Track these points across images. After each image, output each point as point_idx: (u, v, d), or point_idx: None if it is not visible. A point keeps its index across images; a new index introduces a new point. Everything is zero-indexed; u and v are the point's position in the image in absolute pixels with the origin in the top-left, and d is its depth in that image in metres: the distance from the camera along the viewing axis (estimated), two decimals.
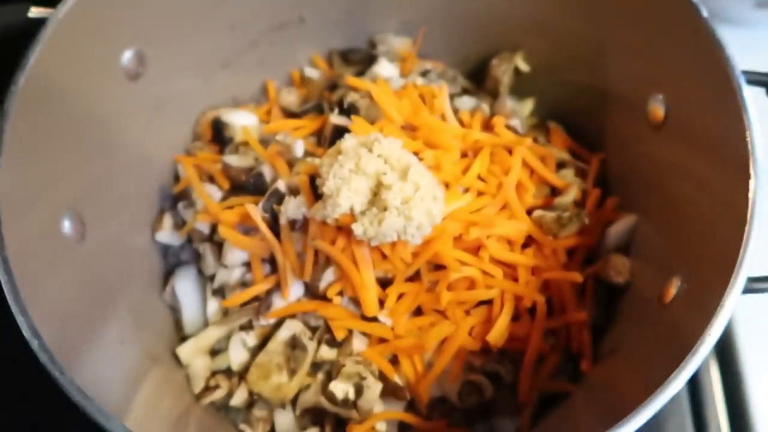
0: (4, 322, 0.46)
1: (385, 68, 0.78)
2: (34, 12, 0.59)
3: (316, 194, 0.64)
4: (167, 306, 0.72)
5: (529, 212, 0.65)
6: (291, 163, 0.69)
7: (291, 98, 0.81)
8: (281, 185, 0.65)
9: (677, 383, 0.44)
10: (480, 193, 0.65)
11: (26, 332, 0.45)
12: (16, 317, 0.45)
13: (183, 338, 0.71)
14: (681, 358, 0.46)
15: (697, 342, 0.45)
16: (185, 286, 0.72)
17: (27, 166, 0.53)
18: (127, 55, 0.64)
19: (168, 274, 0.73)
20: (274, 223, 0.66)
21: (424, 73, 0.79)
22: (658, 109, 0.62)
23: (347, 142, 0.61)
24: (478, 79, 0.83)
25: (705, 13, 0.55)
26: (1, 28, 0.58)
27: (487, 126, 0.73)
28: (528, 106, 0.79)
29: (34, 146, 0.54)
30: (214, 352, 0.69)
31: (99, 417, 0.46)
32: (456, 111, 0.74)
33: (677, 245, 0.59)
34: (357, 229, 0.57)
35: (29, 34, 0.57)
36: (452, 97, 0.75)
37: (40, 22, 0.59)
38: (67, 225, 0.57)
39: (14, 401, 0.72)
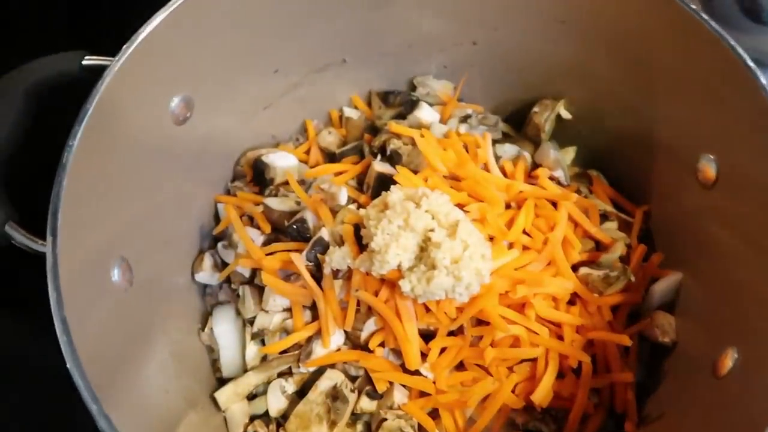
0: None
1: (426, 113, 0.78)
2: (89, 60, 0.60)
3: (359, 244, 0.64)
4: (204, 346, 0.72)
5: (573, 268, 0.65)
6: (333, 210, 0.69)
7: (331, 139, 0.81)
8: (325, 234, 0.65)
9: None
10: (525, 248, 0.64)
11: (86, 397, 0.45)
12: (75, 379, 0.45)
13: (219, 379, 0.71)
14: None
15: (760, 422, 0.44)
16: (223, 328, 0.72)
17: (81, 217, 0.53)
18: (176, 101, 0.65)
19: (206, 315, 0.73)
20: (316, 271, 0.65)
21: (465, 118, 0.79)
22: (709, 168, 0.61)
23: (394, 195, 0.61)
24: (516, 124, 0.82)
25: (763, 80, 0.54)
26: (55, 76, 0.59)
27: (530, 175, 0.72)
28: (570, 154, 0.78)
29: (88, 196, 0.55)
30: (251, 396, 0.69)
31: None
32: (497, 157, 0.74)
33: (728, 309, 0.58)
34: (404, 286, 0.57)
35: (82, 82, 0.58)
36: (493, 143, 0.75)
37: (94, 70, 0.60)
38: (116, 273, 0.57)
39: None
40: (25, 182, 0.57)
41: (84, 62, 0.60)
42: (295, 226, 0.68)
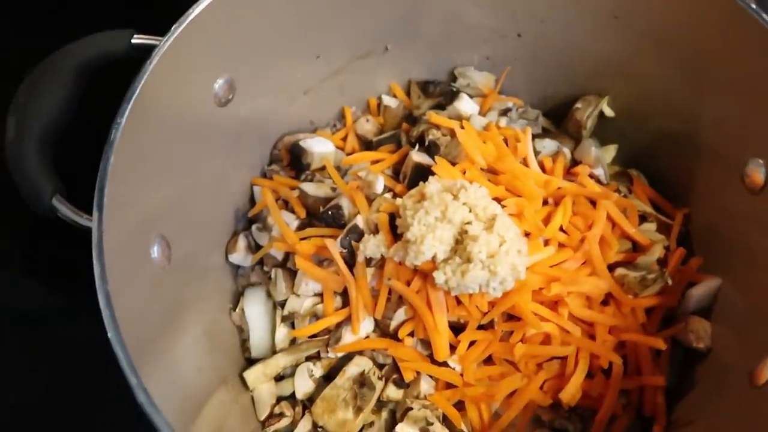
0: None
1: (466, 104, 0.77)
2: (138, 39, 0.61)
3: (394, 233, 0.64)
4: (235, 326, 0.74)
5: (609, 268, 0.64)
6: (369, 198, 0.69)
7: (368, 127, 0.81)
8: (360, 222, 0.66)
9: None
10: (561, 245, 0.63)
11: (125, 366, 0.46)
12: (115, 350, 0.46)
13: (248, 359, 0.72)
14: None
15: None
16: (254, 309, 0.73)
17: (126, 195, 0.54)
18: (220, 83, 0.66)
19: (237, 295, 0.74)
20: (349, 258, 0.66)
21: (505, 112, 0.78)
22: (757, 173, 0.60)
23: (432, 186, 0.60)
24: (556, 119, 0.81)
25: None
26: (104, 54, 0.60)
27: (569, 172, 0.71)
28: (610, 152, 0.77)
29: (132, 174, 0.56)
30: (278, 377, 0.70)
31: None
32: (536, 152, 0.73)
33: None
34: (439, 278, 0.57)
35: (131, 60, 0.59)
36: (533, 138, 0.74)
37: (142, 49, 0.61)
38: (156, 250, 0.58)
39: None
40: (73, 158, 0.58)
41: (133, 41, 0.61)
42: (330, 212, 0.69)
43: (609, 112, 0.77)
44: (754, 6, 0.56)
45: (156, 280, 0.59)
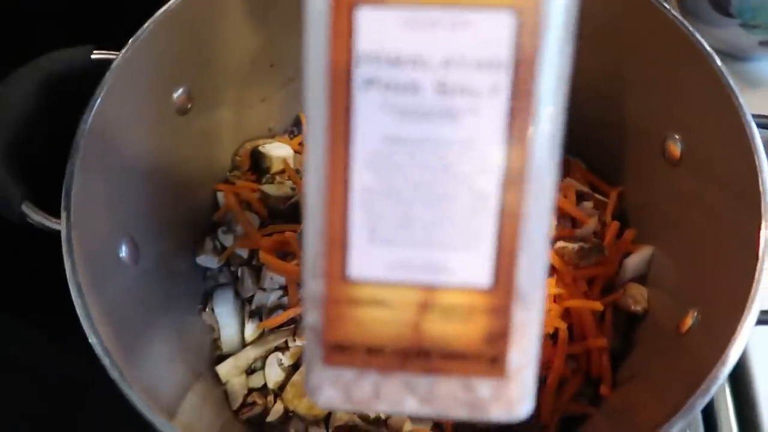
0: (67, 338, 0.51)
1: None
2: (97, 54, 0.64)
3: None
4: (206, 325, 0.77)
5: (550, 243, 0.69)
6: None
7: None
8: None
9: (695, 407, 0.48)
10: None
11: (98, 350, 0.49)
12: (89, 337, 0.49)
13: (220, 356, 0.75)
14: (698, 384, 0.49)
15: (713, 370, 0.48)
16: (223, 308, 0.76)
17: (91, 196, 0.58)
18: (179, 92, 0.69)
19: (207, 296, 0.77)
20: None
21: None
22: (674, 147, 0.66)
23: None
24: None
25: (719, 62, 0.59)
26: (67, 68, 0.63)
27: None
28: None
29: (97, 178, 0.59)
30: (250, 371, 0.73)
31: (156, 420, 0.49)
32: None
33: (693, 277, 0.62)
34: None
35: (92, 74, 0.63)
36: None
37: (102, 63, 0.65)
38: (124, 249, 0.61)
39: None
40: (38, 168, 0.62)
41: (93, 56, 0.65)
42: (289, 209, 0.73)
43: None
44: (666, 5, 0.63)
45: (126, 282, 0.62)
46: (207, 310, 0.76)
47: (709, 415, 0.73)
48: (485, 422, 0.66)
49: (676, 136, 0.66)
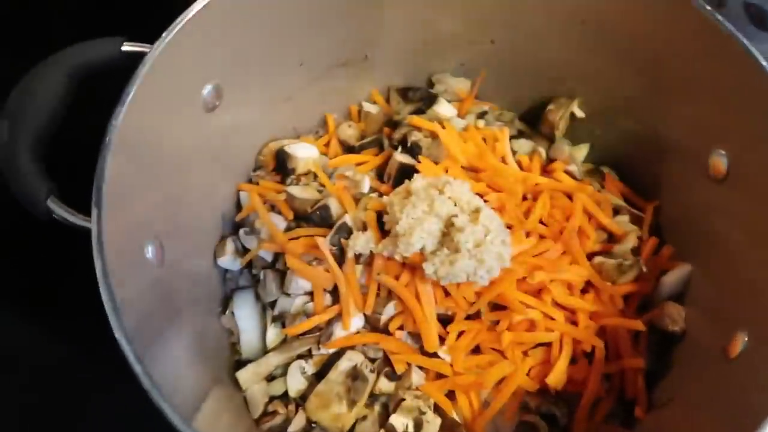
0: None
1: (445, 108, 0.80)
2: (127, 46, 0.62)
3: (381, 230, 0.66)
4: (224, 329, 0.74)
5: (588, 257, 0.67)
6: (356, 198, 0.71)
7: (350, 132, 0.84)
8: (348, 220, 0.68)
9: None
10: (541, 237, 0.66)
11: (129, 355, 0.47)
12: (118, 340, 0.47)
13: (239, 361, 0.72)
14: (749, 419, 0.46)
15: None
16: (243, 311, 0.74)
17: (120, 196, 0.55)
18: (208, 89, 0.67)
19: (227, 299, 0.75)
20: (339, 255, 0.68)
21: (482, 115, 0.81)
22: (719, 163, 0.64)
23: (417, 182, 0.63)
24: (530, 121, 0.85)
25: None
26: (95, 61, 0.61)
27: (545, 170, 0.75)
28: (582, 151, 0.81)
29: (125, 176, 0.57)
30: (270, 378, 0.71)
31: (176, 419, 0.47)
32: (513, 153, 0.77)
33: (737, 298, 0.60)
34: (428, 268, 0.59)
35: (121, 67, 0.61)
36: (510, 139, 0.77)
37: (132, 56, 0.62)
38: (150, 250, 0.59)
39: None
40: (64, 163, 0.59)
41: (123, 48, 0.62)
42: (318, 213, 0.70)
43: (580, 113, 0.81)
44: (708, 7, 0.61)
45: (150, 281, 0.60)
46: (227, 313, 0.74)
47: None
48: None
49: (722, 152, 0.64)
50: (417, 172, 0.69)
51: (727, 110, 0.63)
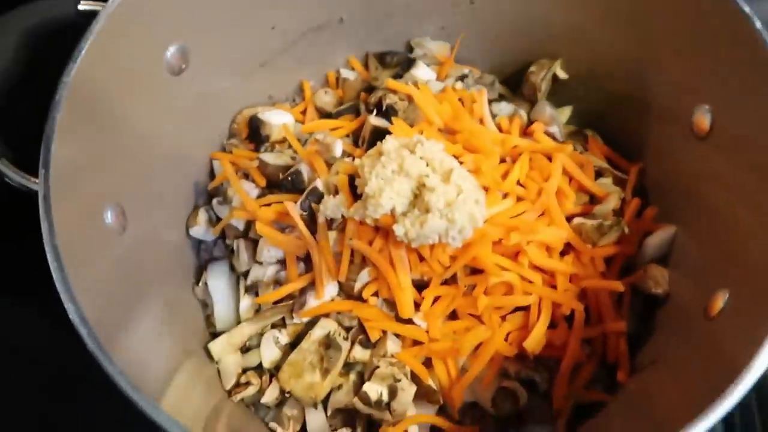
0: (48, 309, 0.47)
1: (423, 72, 0.78)
2: (84, 5, 0.60)
3: (354, 195, 0.64)
4: (199, 301, 0.72)
5: (567, 219, 0.65)
6: (329, 163, 0.69)
7: (327, 99, 0.81)
8: (320, 184, 0.66)
9: (729, 402, 0.43)
10: (519, 199, 0.64)
11: (74, 318, 0.45)
12: (65, 303, 0.45)
13: (213, 334, 0.71)
14: (729, 374, 0.45)
15: (749, 359, 0.44)
16: (217, 282, 0.72)
17: (74, 156, 0.53)
18: (172, 50, 0.65)
19: (200, 270, 0.73)
20: (311, 222, 0.66)
21: (462, 78, 0.79)
22: (703, 119, 0.61)
23: (389, 143, 0.61)
24: (513, 86, 0.82)
25: (758, 24, 0.54)
26: (51, 20, 0.58)
27: (525, 132, 0.72)
28: (565, 113, 0.78)
29: (81, 137, 0.55)
30: (245, 349, 0.69)
31: (137, 399, 0.45)
32: (494, 116, 0.74)
33: (721, 258, 0.58)
34: (398, 230, 0.57)
35: (78, 26, 0.58)
36: (490, 102, 0.75)
37: (89, 15, 0.60)
38: (109, 215, 0.57)
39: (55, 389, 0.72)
40: (20, 124, 0.57)
41: (80, 7, 0.60)
42: (290, 178, 0.68)
43: (562, 74, 0.78)
44: None
45: (111, 248, 0.58)
46: (200, 285, 0.72)
47: None
48: (495, 408, 0.62)
49: (706, 107, 0.61)
50: (391, 133, 0.66)
51: (714, 64, 0.61)
